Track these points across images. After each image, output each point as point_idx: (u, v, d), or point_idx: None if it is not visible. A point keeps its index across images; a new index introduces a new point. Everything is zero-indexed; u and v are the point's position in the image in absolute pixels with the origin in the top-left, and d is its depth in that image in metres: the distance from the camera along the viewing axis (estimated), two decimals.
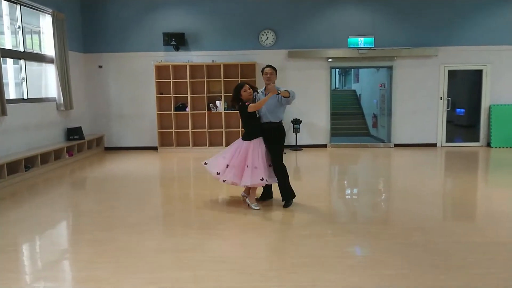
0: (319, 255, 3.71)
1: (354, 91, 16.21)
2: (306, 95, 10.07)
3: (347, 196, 6.19)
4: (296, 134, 9.96)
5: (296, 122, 9.84)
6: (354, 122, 13.94)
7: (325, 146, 10.33)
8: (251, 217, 4.89)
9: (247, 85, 5.16)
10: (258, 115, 5.17)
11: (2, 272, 3.55)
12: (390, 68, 10.25)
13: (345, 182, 7.20)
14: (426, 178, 7.02)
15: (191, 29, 10.00)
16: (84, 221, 5.07)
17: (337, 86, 20.05)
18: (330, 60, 10.06)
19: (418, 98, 10.16)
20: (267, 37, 10.00)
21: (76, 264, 3.75)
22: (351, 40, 9.89)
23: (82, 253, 3.95)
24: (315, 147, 10.26)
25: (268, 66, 5.16)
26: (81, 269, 3.61)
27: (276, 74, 5.18)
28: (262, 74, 5.16)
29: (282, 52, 10.00)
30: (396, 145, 10.32)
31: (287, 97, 4.97)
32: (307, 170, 8.06)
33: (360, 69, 14.84)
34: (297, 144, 10.07)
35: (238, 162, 5.08)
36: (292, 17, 9.97)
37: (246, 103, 5.06)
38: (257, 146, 5.08)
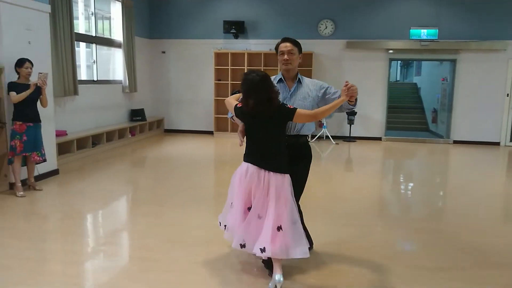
0: (363, 247, 3.79)
1: (415, 84, 15.67)
2: (362, 86, 9.86)
3: (400, 190, 6.13)
4: (350, 126, 9.90)
5: (351, 113, 9.77)
6: (412, 116, 13.53)
7: (379, 139, 10.17)
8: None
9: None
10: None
11: (69, 235, 3.99)
12: (453, 61, 9.84)
13: (399, 177, 7.11)
14: (484, 178, 6.77)
15: (251, 17, 10.18)
16: (141, 195, 5.49)
17: (398, 79, 19.46)
18: (391, 51, 9.83)
19: (482, 94, 9.68)
20: (326, 27, 9.95)
21: (131, 234, 4.11)
22: (413, 31, 9.59)
23: (137, 224, 4.33)
24: (369, 140, 10.13)
25: (286, 39, 3.15)
26: (135, 238, 3.97)
27: (300, 52, 3.19)
28: (277, 51, 3.17)
29: (340, 42, 9.91)
30: (456, 142, 9.94)
31: (353, 103, 2.96)
32: (360, 162, 8.03)
33: (422, 62, 14.31)
34: (351, 135, 10.00)
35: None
36: (352, 6, 9.84)
37: (288, 106, 2.92)
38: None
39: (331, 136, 9.75)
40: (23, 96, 4.88)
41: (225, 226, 3.10)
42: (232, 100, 3.15)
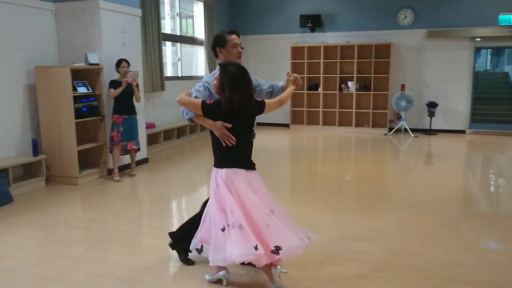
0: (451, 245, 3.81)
1: (506, 73, 14.54)
2: (444, 77, 9.56)
3: (488, 185, 5.87)
4: (430, 118, 9.56)
5: (432, 105, 9.43)
6: (503, 107, 12.61)
7: (463, 132, 9.70)
8: (366, 194, 5.12)
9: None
10: None
11: (158, 215, 4.51)
12: None
13: (486, 171, 6.78)
14: None
15: (327, 11, 10.22)
16: None
17: (488, 68, 18.15)
18: (478, 39, 9.30)
19: None
20: (405, 16, 9.68)
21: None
22: (502, 17, 8.97)
23: None
24: (451, 132, 9.71)
25: (234, 32, 3.08)
26: None
27: None
28: (225, 44, 2.99)
29: (421, 32, 9.58)
30: None
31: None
32: (441, 156, 7.78)
33: None
34: (431, 128, 9.66)
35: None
36: None
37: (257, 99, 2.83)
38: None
39: (410, 129, 9.51)
40: (117, 92, 5.52)
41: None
42: (190, 97, 2.77)
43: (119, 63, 5.62)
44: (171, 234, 3.29)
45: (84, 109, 5.50)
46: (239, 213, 2.57)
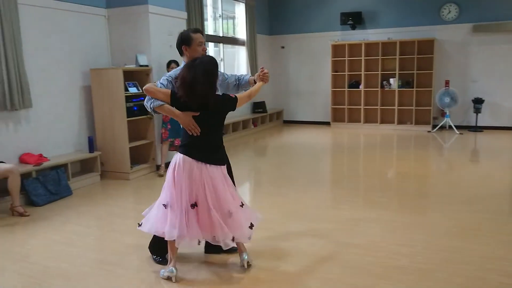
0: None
1: None
2: (491, 72, 9.28)
3: None
4: (476, 114, 9.31)
5: (478, 101, 9.19)
6: None
7: (511, 129, 9.38)
8: (409, 190, 5.13)
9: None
10: None
11: None
12: None
13: None
14: None
15: (369, 7, 10.16)
16: (263, 178, 6.11)
17: None
18: None
19: None
20: (450, 11, 9.47)
21: (254, 208, 4.69)
22: None
23: (260, 201, 4.93)
24: (499, 129, 9.40)
25: (198, 30, 3.17)
26: (257, 211, 4.53)
27: None
28: (191, 42, 3.06)
29: (466, 26, 9.35)
30: None
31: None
32: (488, 153, 7.57)
33: None
34: (477, 125, 9.40)
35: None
36: None
37: (230, 95, 3.07)
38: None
39: (455, 125, 9.30)
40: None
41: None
42: (156, 87, 2.89)
43: (169, 64, 5.93)
44: None
45: (135, 108, 5.83)
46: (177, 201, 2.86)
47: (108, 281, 3.04)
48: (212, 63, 2.84)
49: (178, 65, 5.93)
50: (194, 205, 2.85)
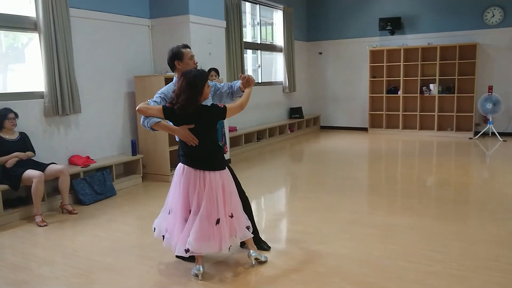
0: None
1: None
2: None
3: None
4: None
5: None
6: None
7: None
8: (448, 197, 5.06)
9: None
10: None
11: None
12: None
13: None
14: None
15: (408, 12, 10.05)
16: (299, 183, 6.20)
17: None
18: None
19: None
20: (493, 15, 9.22)
21: (289, 212, 4.82)
22: None
23: (295, 205, 5.03)
24: None
25: (187, 46, 3.37)
26: (293, 215, 4.66)
27: None
28: (182, 56, 3.26)
29: (510, 30, 9.07)
30: None
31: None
32: None
33: None
34: None
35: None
36: None
37: (219, 105, 3.18)
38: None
39: (498, 132, 9.01)
40: None
41: (163, 236, 3.19)
42: (147, 106, 3.01)
43: (208, 72, 6.13)
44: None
45: None
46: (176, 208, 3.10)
47: (148, 275, 3.24)
48: (196, 76, 2.94)
49: (217, 73, 6.14)
50: (191, 211, 3.04)
